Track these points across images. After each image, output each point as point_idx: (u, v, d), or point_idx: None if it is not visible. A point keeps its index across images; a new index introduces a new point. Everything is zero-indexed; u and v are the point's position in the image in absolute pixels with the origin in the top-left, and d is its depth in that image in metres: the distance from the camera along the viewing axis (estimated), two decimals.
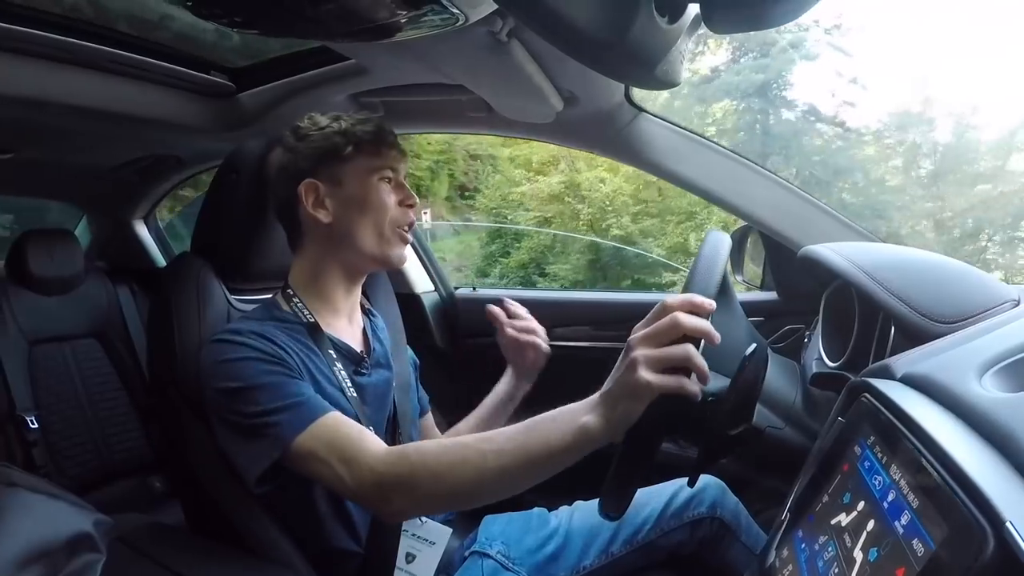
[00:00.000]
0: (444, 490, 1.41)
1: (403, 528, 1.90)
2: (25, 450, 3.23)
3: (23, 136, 2.76)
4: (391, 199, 1.80)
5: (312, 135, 1.79)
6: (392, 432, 1.93)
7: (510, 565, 1.93)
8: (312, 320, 1.81)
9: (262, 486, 1.59)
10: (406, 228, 1.83)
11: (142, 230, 4.21)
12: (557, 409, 1.34)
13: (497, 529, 2.04)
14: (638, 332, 1.26)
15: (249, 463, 1.57)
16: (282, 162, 1.83)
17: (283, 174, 1.82)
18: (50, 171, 3.54)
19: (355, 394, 1.79)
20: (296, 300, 1.82)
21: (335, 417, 1.57)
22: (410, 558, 1.85)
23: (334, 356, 1.80)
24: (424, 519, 1.93)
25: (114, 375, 3.76)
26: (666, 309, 1.24)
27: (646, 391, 1.21)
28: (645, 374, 1.21)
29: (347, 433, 1.54)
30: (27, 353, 3.46)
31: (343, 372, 1.79)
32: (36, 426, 3.28)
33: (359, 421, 1.71)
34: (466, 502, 1.53)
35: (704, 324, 1.23)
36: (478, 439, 1.40)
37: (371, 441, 1.53)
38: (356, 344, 1.91)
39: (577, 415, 1.30)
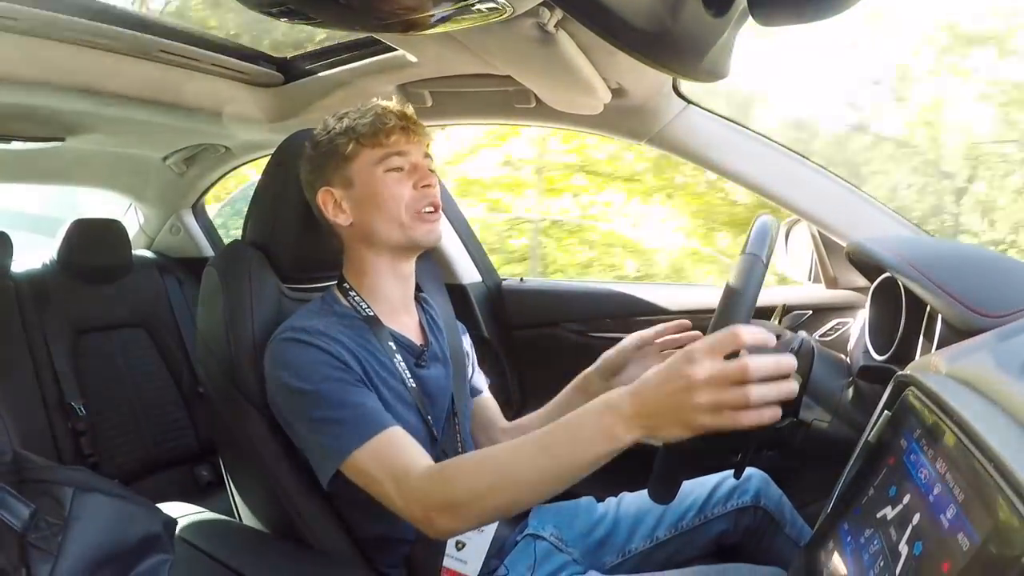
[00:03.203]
0: (486, 508, 1.49)
1: None
2: (74, 439, 3.25)
3: (73, 124, 2.79)
4: (403, 187, 1.79)
5: (320, 141, 1.82)
6: (451, 424, 1.96)
7: (562, 547, 1.95)
8: (371, 314, 1.83)
9: (332, 486, 1.65)
10: (427, 209, 1.81)
11: (190, 219, 4.22)
12: (583, 412, 1.37)
13: (549, 515, 2.06)
14: (701, 357, 1.21)
15: (319, 466, 1.66)
16: (303, 175, 1.88)
17: (307, 186, 1.87)
18: (99, 160, 3.58)
19: (415, 385, 1.83)
20: (353, 294, 1.85)
21: (391, 434, 1.61)
22: (460, 545, 1.86)
23: (394, 348, 1.82)
24: None
25: (161, 365, 3.78)
26: (736, 342, 1.20)
27: (698, 428, 1.22)
28: (703, 417, 1.20)
29: (399, 451, 1.59)
30: (74, 342, 3.48)
31: (403, 364, 1.82)
32: (84, 414, 3.30)
33: (420, 413, 1.80)
34: (506, 514, 1.57)
35: (779, 369, 1.20)
36: (510, 453, 1.46)
37: (419, 459, 1.58)
38: (415, 337, 1.94)
39: (608, 426, 1.31)
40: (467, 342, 2.22)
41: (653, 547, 2.04)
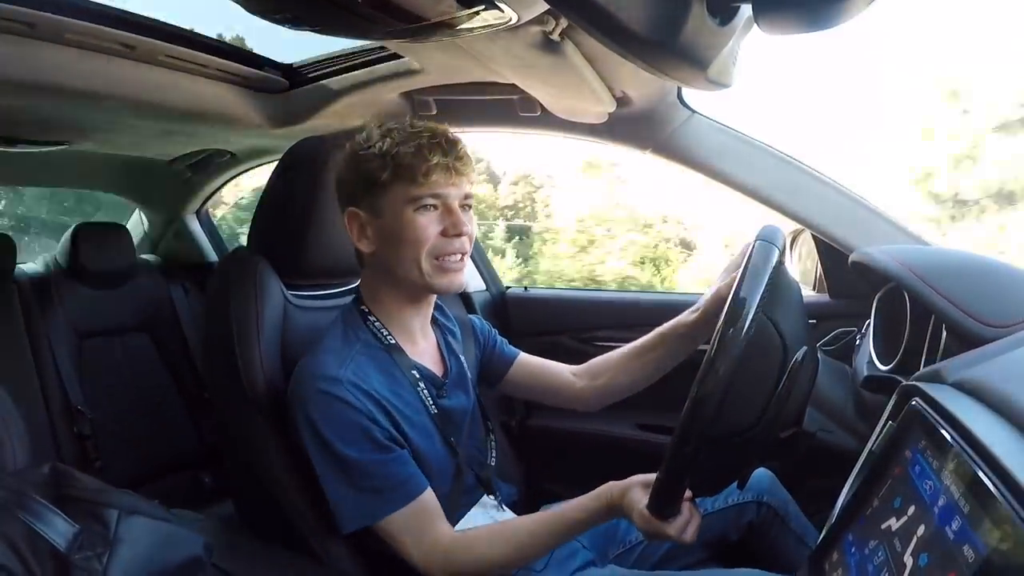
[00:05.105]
0: (498, 572, 1.74)
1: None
2: (78, 444, 3.24)
3: (77, 128, 2.79)
4: (430, 231, 1.70)
5: (359, 156, 1.72)
6: (470, 438, 2.00)
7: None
8: (393, 342, 1.81)
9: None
10: (451, 258, 1.74)
11: (194, 225, 4.24)
12: (592, 513, 1.68)
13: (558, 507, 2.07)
14: (641, 523, 1.58)
15: (341, 520, 1.71)
16: (336, 182, 1.81)
17: (337, 194, 1.82)
18: (103, 163, 3.60)
19: (437, 412, 1.84)
20: (372, 319, 1.82)
21: (418, 503, 1.71)
22: None
23: (417, 377, 1.82)
24: (504, 507, 2.02)
25: (164, 370, 3.78)
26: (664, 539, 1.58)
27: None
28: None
29: (424, 519, 1.72)
30: (78, 346, 3.48)
31: (426, 393, 1.82)
32: (88, 419, 3.28)
33: (443, 437, 1.85)
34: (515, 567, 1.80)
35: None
36: (526, 535, 1.73)
37: (442, 527, 1.73)
38: (435, 365, 1.93)
39: (605, 518, 1.70)
40: (480, 328, 2.22)
41: None
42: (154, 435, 3.57)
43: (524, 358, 2.23)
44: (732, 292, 1.41)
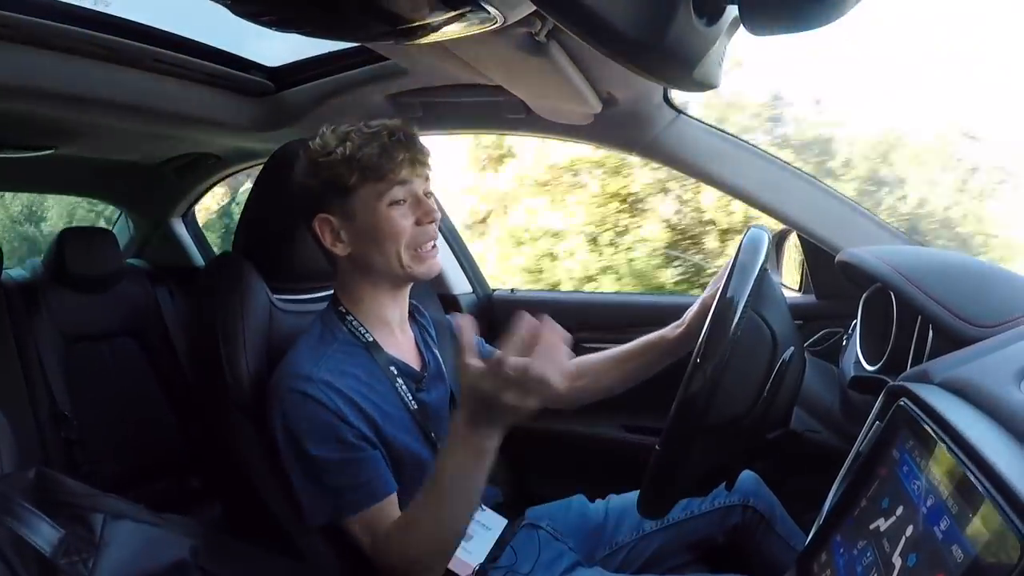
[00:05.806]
0: (436, 556, 1.67)
1: None
2: (65, 448, 3.22)
3: (64, 133, 2.78)
4: (406, 222, 1.76)
5: (320, 164, 1.75)
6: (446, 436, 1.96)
7: (558, 536, 2.01)
8: (371, 339, 1.83)
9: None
10: (427, 246, 1.81)
11: (180, 228, 4.22)
12: (450, 462, 1.56)
13: (543, 510, 2.13)
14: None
15: (308, 514, 1.73)
16: (299, 191, 1.82)
17: (300, 203, 1.82)
18: (90, 168, 3.58)
19: (417, 408, 1.85)
20: (350, 318, 1.84)
21: (383, 505, 1.71)
22: (467, 537, 1.88)
23: (395, 373, 1.84)
24: (484, 507, 2.00)
25: (151, 374, 3.74)
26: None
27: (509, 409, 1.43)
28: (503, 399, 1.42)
29: (381, 522, 1.70)
30: (65, 351, 3.45)
31: (404, 388, 1.84)
32: (76, 423, 3.26)
33: (423, 433, 1.86)
34: (456, 541, 1.68)
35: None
36: (420, 512, 1.62)
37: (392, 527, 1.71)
38: (413, 360, 1.95)
39: (472, 453, 1.52)
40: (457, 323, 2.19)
41: (639, 539, 2.07)
42: (141, 439, 3.53)
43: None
44: (719, 292, 1.41)
